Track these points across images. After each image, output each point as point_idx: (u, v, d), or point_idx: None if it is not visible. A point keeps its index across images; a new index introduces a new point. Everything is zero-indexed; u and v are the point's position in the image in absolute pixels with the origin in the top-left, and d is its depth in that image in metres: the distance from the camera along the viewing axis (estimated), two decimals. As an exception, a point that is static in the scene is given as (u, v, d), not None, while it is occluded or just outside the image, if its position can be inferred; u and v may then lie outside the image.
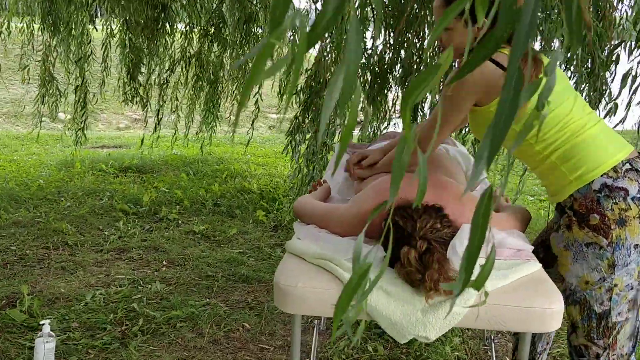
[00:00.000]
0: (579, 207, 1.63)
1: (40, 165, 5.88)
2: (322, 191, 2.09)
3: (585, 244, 1.63)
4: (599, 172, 1.59)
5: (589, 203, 1.60)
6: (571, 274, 1.68)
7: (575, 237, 1.65)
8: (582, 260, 1.64)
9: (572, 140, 1.61)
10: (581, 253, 1.64)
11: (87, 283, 3.12)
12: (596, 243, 1.61)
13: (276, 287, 1.49)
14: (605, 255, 1.60)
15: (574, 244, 1.65)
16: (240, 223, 4.25)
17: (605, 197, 1.58)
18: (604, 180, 1.59)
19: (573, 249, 1.66)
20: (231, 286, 3.15)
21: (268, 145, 7.85)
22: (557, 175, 1.65)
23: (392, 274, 1.49)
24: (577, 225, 1.64)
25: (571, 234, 1.66)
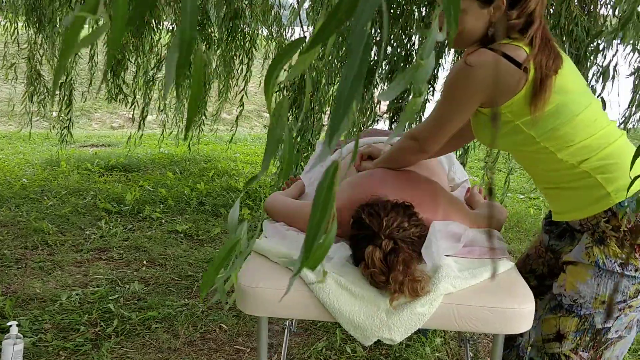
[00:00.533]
0: (619, 222, 1.39)
1: (26, 164, 5.81)
2: (294, 188, 2.03)
3: (620, 264, 1.40)
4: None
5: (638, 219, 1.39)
6: (586, 288, 1.44)
7: (607, 253, 1.41)
8: (608, 278, 1.42)
9: (606, 148, 1.39)
10: (610, 272, 1.41)
11: (64, 283, 3.06)
12: (633, 264, 1.40)
13: (237, 289, 1.44)
14: (637, 279, 1.40)
15: (605, 263, 1.41)
16: (224, 222, 4.19)
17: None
18: None
19: (602, 267, 1.42)
20: (211, 286, 3.09)
21: (259, 144, 7.79)
22: (589, 186, 1.40)
23: (357, 273, 1.43)
24: (616, 241, 1.40)
25: (602, 250, 1.42)
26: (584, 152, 1.39)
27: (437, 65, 3.78)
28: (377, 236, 1.43)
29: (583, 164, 1.39)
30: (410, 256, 1.41)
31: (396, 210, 1.49)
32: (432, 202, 1.65)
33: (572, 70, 1.43)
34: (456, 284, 1.39)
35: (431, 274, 1.41)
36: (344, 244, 1.52)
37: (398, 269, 1.36)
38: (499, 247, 1.61)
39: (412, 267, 1.39)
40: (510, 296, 1.39)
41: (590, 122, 1.40)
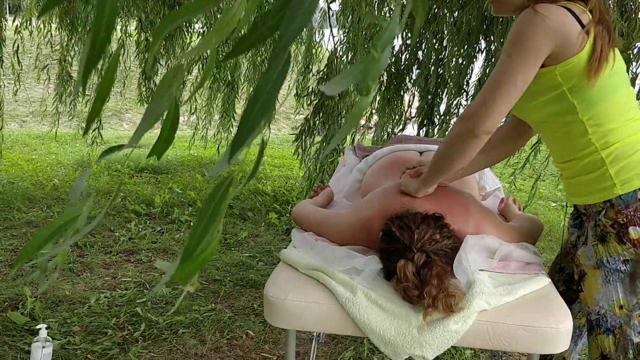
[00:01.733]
0: (616, 216, 1.39)
1: (57, 164, 5.90)
2: (323, 196, 2.00)
3: (623, 261, 1.40)
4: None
5: (630, 213, 1.38)
6: (601, 296, 1.44)
7: (610, 252, 1.42)
8: (617, 281, 1.41)
9: (628, 138, 1.38)
10: (616, 272, 1.41)
11: (92, 285, 3.08)
12: (636, 260, 1.39)
13: (265, 300, 1.42)
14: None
15: (610, 261, 1.42)
16: (252, 226, 4.18)
17: None
18: None
19: (607, 266, 1.42)
20: (238, 291, 3.08)
21: (286, 147, 7.78)
22: (599, 174, 1.40)
23: (388, 288, 1.40)
24: (615, 237, 1.40)
25: (605, 248, 1.43)
26: (609, 136, 1.38)
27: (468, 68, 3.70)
28: (409, 249, 1.39)
29: (603, 151, 1.38)
30: (443, 270, 1.38)
31: (427, 222, 1.46)
32: (463, 213, 1.60)
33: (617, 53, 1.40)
34: (491, 301, 1.34)
35: (465, 290, 1.37)
36: (375, 257, 1.49)
37: (432, 283, 1.32)
38: (536, 262, 1.56)
39: (446, 281, 1.35)
40: (546, 315, 1.34)
41: (622, 105, 1.39)
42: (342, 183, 2.35)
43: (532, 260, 1.56)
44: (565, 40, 1.32)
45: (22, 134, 7.87)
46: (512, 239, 1.63)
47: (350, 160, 2.68)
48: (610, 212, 1.41)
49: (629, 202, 1.38)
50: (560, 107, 1.40)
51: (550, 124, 1.46)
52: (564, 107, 1.39)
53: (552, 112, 1.42)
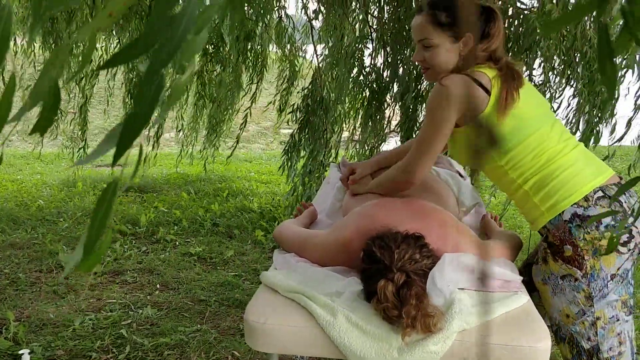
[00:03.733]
0: (552, 239, 1.58)
1: (42, 185, 5.86)
2: (306, 215, 2.01)
3: (561, 277, 1.58)
4: (570, 201, 1.54)
5: (561, 234, 1.56)
6: (553, 308, 1.62)
7: (551, 270, 1.61)
8: (560, 293, 1.59)
9: (546, 169, 1.57)
10: (558, 286, 1.59)
11: (77, 308, 3.06)
12: (571, 275, 1.56)
13: (246, 324, 1.42)
14: (581, 287, 1.54)
15: (551, 277, 1.61)
16: (238, 244, 4.17)
17: (576, 227, 1.53)
18: (574, 209, 1.53)
19: (550, 282, 1.62)
20: (224, 311, 3.07)
21: (273, 162, 7.79)
22: (530, 205, 1.61)
23: (368, 309, 1.40)
24: (551, 257, 1.60)
25: (547, 267, 1.62)
26: (527, 172, 1.58)
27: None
28: (389, 269, 1.40)
29: (525, 184, 1.59)
30: (422, 289, 1.38)
31: (407, 241, 1.46)
32: (442, 232, 1.61)
33: (530, 95, 1.62)
34: (470, 320, 1.35)
35: (444, 310, 1.38)
36: (355, 279, 1.49)
37: (411, 303, 1.32)
38: (514, 279, 1.57)
39: (425, 301, 1.35)
40: (525, 333, 1.35)
41: (536, 146, 1.56)
42: (325, 201, 2.35)
43: (511, 278, 1.57)
44: (469, 105, 1.55)
45: (7, 154, 7.82)
46: (491, 255, 1.65)
47: (334, 178, 2.69)
48: (549, 236, 1.60)
49: (557, 224, 1.56)
50: None
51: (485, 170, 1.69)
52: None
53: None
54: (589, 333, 1.55)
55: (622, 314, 1.55)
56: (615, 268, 1.53)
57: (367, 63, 4.03)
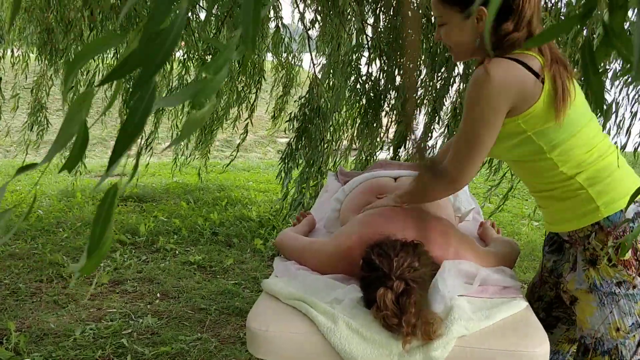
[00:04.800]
0: (605, 238, 1.41)
1: (42, 195, 5.87)
2: (305, 224, 2.03)
3: (617, 284, 1.41)
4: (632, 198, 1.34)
5: (619, 233, 1.39)
6: (597, 320, 1.45)
7: (602, 275, 1.43)
8: (612, 303, 1.42)
9: (600, 162, 1.43)
10: (612, 295, 1.42)
11: (77, 318, 3.07)
12: (628, 282, 1.40)
13: (248, 332, 1.43)
14: (638, 296, 1.41)
15: (603, 284, 1.42)
16: (237, 252, 4.19)
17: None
18: (637, 208, 1.41)
19: (601, 290, 1.43)
20: (224, 320, 3.08)
21: (271, 171, 7.80)
22: (580, 199, 1.43)
23: (368, 316, 1.42)
24: (607, 260, 1.41)
25: (596, 271, 1.44)
26: (582, 165, 1.43)
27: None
28: (388, 277, 1.42)
29: (578, 176, 1.42)
30: (422, 297, 1.40)
31: (406, 249, 1.48)
32: (442, 240, 1.64)
33: (577, 85, 1.45)
34: (469, 326, 1.37)
35: (443, 316, 1.40)
36: (355, 286, 1.51)
37: (410, 311, 1.35)
38: (513, 285, 1.59)
39: (424, 309, 1.38)
40: (524, 338, 1.37)
41: (590, 137, 1.44)
42: (324, 209, 2.37)
43: (509, 284, 1.59)
44: (521, 94, 1.37)
45: (6, 165, 7.82)
46: (490, 263, 1.67)
47: (332, 186, 2.72)
48: (599, 234, 1.42)
49: (616, 222, 1.40)
50: (527, 149, 1.46)
51: (521, 162, 1.52)
52: (531, 149, 1.45)
53: (520, 153, 1.48)
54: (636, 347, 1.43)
55: None
56: None
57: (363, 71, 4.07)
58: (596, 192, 1.41)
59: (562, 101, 1.36)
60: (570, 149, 1.42)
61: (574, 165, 1.43)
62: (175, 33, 0.50)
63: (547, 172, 1.46)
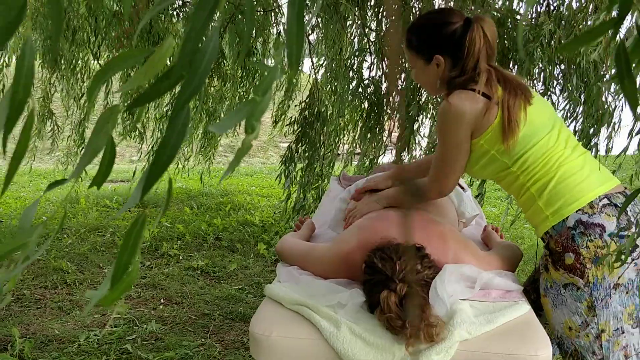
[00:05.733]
0: (554, 245, 1.55)
1: (46, 201, 5.90)
2: (305, 229, 2.04)
3: (563, 286, 1.54)
4: (574, 207, 1.51)
5: (564, 241, 1.52)
6: (555, 320, 1.59)
7: (553, 278, 1.57)
8: (561, 304, 1.55)
9: (552, 173, 1.55)
10: (560, 296, 1.55)
11: (82, 324, 3.07)
12: (573, 284, 1.52)
13: (251, 337, 1.44)
14: (583, 296, 1.50)
15: (553, 287, 1.57)
16: (240, 257, 4.20)
17: (580, 234, 1.50)
18: (579, 216, 1.50)
19: (552, 292, 1.57)
20: (228, 325, 3.09)
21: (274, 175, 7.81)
22: (535, 209, 1.58)
23: (371, 320, 1.43)
24: (552, 265, 1.56)
25: (549, 275, 1.58)
26: (535, 176, 1.56)
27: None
28: (391, 280, 1.42)
29: (532, 187, 1.57)
30: (425, 300, 1.41)
31: (408, 252, 1.49)
32: (441, 244, 1.64)
33: (538, 100, 1.61)
34: (472, 330, 1.38)
35: (446, 320, 1.40)
36: (358, 291, 1.52)
37: (414, 313, 1.35)
38: (515, 289, 1.60)
39: (427, 311, 1.38)
40: (526, 342, 1.37)
41: (545, 150, 1.56)
42: (326, 214, 2.38)
43: (511, 288, 1.59)
44: (478, 117, 1.53)
45: (10, 171, 7.85)
46: (491, 267, 1.67)
47: (334, 191, 2.73)
48: (550, 242, 1.57)
49: (560, 231, 1.53)
50: (495, 167, 1.61)
51: (497, 179, 1.67)
52: (498, 167, 1.60)
53: (491, 171, 1.63)
54: (594, 346, 1.50)
55: (628, 326, 1.50)
56: (618, 277, 1.48)
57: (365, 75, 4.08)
58: (544, 202, 1.56)
59: (509, 132, 1.52)
60: (527, 161, 1.56)
61: (530, 177, 1.57)
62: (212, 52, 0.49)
63: (513, 185, 1.63)
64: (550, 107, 1.70)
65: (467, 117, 1.53)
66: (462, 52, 1.57)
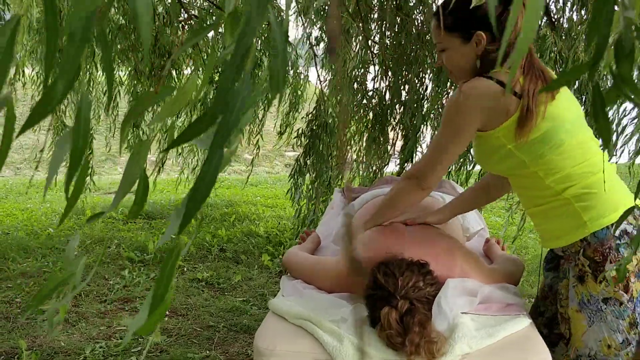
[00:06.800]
0: (593, 254, 1.43)
1: (52, 213, 5.93)
2: (310, 242, 2.06)
3: (603, 300, 1.43)
4: (619, 214, 1.41)
5: (606, 250, 1.41)
6: (589, 337, 1.46)
7: (590, 291, 1.45)
8: (600, 320, 1.44)
9: (590, 177, 1.44)
10: (599, 312, 1.43)
11: (88, 336, 3.09)
12: (616, 298, 1.41)
13: (255, 350, 1.45)
14: (627, 312, 1.41)
15: (590, 301, 1.44)
16: (245, 269, 4.21)
17: (625, 245, 1.41)
18: (625, 226, 1.42)
19: (589, 307, 1.45)
20: (232, 337, 3.10)
21: (279, 186, 7.84)
22: (568, 214, 1.45)
23: (374, 335, 1.44)
24: (591, 276, 1.44)
25: (585, 288, 1.46)
26: (568, 179, 1.44)
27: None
28: (393, 296, 1.44)
29: (566, 192, 1.44)
30: (426, 317, 1.42)
31: (411, 269, 1.51)
32: (449, 259, 1.65)
33: (566, 97, 1.48)
34: (473, 344, 1.39)
35: (447, 335, 1.42)
36: (360, 306, 1.54)
37: (414, 331, 1.36)
38: (516, 302, 1.61)
39: (428, 328, 1.39)
40: (526, 356, 1.38)
41: (576, 151, 1.45)
42: (330, 226, 2.40)
43: (513, 301, 1.60)
44: (493, 108, 1.43)
45: (17, 183, 7.91)
46: (495, 281, 1.68)
47: (338, 203, 2.74)
48: (587, 250, 1.45)
49: (603, 239, 1.42)
50: (512, 163, 1.49)
51: (512, 176, 1.56)
52: (515, 163, 1.49)
53: (507, 167, 1.52)
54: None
55: None
56: None
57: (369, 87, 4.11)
58: (583, 207, 1.44)
59: (525, 125, 1.41)
60: (556, 160, 1.44)
61: (561, 179, 1.45)
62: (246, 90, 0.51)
63: (535, 186, 1.50)
64: (578, 104, 1.55)
65: (478, 107, 1.44)
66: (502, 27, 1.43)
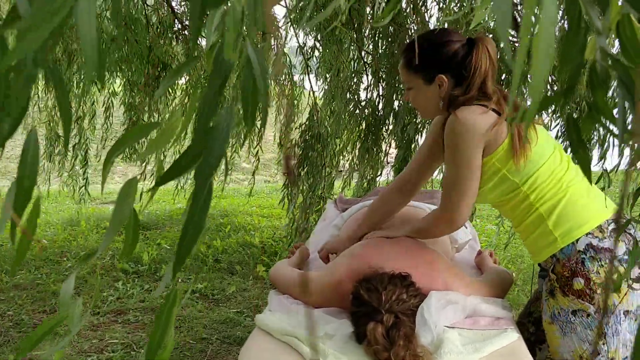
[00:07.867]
0: (561, 270, 1.50)
1: (46, 224, 5.91)
2: (298, 256, 2.04)
3: (572, 312, 1.49)
4: (585, 230, 1.47)
5: (572, 265, 1.47)
6: (562, 348, 1.52)
7: (560, 305, 1.51)
8: (571, 332, 1.49)
9: (562, 193, 1.51)
10: (569, 324, 1.49)
11: (79, 349, 3.07)
12: (583, 310, 1.47)
13: (240, 367, 1.44)
14: (594, 323, 1.45)
15: (561, 313, 1.51)
16: (239, 280, 4.19)
17: (590, 258, 1.46)
18: (589, 240, 1.47)
19: (560, 319, 1.51)
20: (225, 349, 3.08)
21: (275, 195, 7.83)
22: (541, 230, 1.53)
23: (359, 351, 1.43)
24: (560, 291, 1.50)
25: (555, 301, 1.53)
26: (545, 196, 1.52)
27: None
28: (378, 311, 1.43)
29: (541, 207, 1.52)
30: (411, 329, 1.41)
31: (394, 282, 1.50)
32: (429, 271, 1.65)
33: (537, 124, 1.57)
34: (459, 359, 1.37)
35: (433, 350, 1.40)
36: (346, 322, 1.52)
37: (399, 344, 1.35)
38: (505, 316, 1.60)
39: (414, 342, 1.38)
40: (513, 371, 1.37)
41: (553, 169, 1.53)
42: (322, 238, 2.38)
43: (501, 315, 1.59)
44: (491, 134, 1.48)
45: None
46: (479, 293, 1.67)
47: (331, 214, 2.73)
48: (557, 266, 1.52)
49: (570, 254, 1.49)
50: (505, 187, 1.55)
51: (502, 201, 1.61)
52: (508, 186, 1.55)
53: (501, 192, 1.57)
54: None
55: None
56: (629, 305, 1.46)
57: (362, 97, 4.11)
58: (553, 223, 1.50)
59: (521, 150, 1.49)
60: (537, 180, 1.52)
61: (539, 197, 1.52)
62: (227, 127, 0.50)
63: (521, 206, 1.56)
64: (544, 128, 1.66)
65: (477, 130, 1.48)
66: (467, 72, 1.54)
